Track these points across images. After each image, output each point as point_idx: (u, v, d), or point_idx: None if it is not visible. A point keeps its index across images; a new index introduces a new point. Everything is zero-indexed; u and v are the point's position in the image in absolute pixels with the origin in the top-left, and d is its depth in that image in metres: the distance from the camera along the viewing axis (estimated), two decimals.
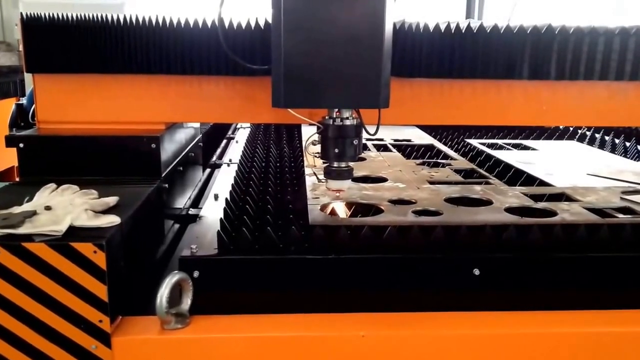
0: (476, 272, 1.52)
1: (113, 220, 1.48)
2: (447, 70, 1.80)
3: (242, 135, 3.52)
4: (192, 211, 2.31)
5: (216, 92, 1.94)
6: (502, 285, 1.55)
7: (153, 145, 1.89)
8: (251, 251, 1.53)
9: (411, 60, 1.80)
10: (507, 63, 1.79)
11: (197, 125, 2.72)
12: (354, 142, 1.58)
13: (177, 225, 2.19)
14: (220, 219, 1.70)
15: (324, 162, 1.68)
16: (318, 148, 1.66)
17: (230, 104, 1.95)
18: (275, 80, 1.49)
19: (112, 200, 1.62)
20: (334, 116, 1.58)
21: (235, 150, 3.07)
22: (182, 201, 2.35)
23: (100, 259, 1.34)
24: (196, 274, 1.49)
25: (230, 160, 2.80)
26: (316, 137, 1.65)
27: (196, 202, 2.50)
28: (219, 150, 3.47)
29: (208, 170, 3.00)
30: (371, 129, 1.65)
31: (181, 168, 2.29)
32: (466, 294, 1.55)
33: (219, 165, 2.95)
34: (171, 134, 2.11)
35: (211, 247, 1.57)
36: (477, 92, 1.89)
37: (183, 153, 2.34)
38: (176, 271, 1.46)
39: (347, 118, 1.58)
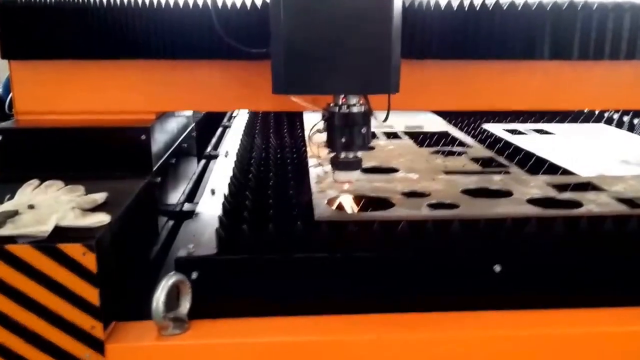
0: (497, 268, 1.53)
1: (102, 219, 1.49)
2: (461, 50, 1.80)
3: (239, 123, 3.51)
4: (186, 207, 2.32)
5: (210, 78, 1.94)
6: (525, 283, 1.56)
7: (143, 137, 1.90)
8: (253, 250, 1.54)
9: (422, 40, 1.79)
10: (526, 42, 1.79)
11: (190, 113, 2.73)
12: (363, 130, 1.59)
13: (171, 222, 2.20)
14: (219, 216, 1.71)
15: (329, 152, 1.69)
16: (323, 137, 1.66)
17: (226, 91, 1.96)
18: (276, 64, 1.48)
19: (100, 197, 1.63)
20: (340, 103, 1.58)
21: (232, 140, 3.07)
22: (175, 196, 2.37)
23: (90, 260, 1.35)
24: (194, 275, 1.50)
25: (227, 151, 2.79)
26: (321, 125, 1.65)
27: (191, 197, 2.51)
28: (214, 140, 3.48)
29: (203, 162, 3.00)
30: (380, 115, 1.65)
31: (174, 160, 2.30)
32: (486, 292, 1.56)
33: (214, 157, 2.96)
34: (162, 124, 2.12)
35: (210, 246, 1.58)
36: (494, 74, 1.89)
37: (175, 144, 2.35)
38: (173, 272, 1.47)
39: (355, 104, 1.58)
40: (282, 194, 1.92)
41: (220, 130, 3.74)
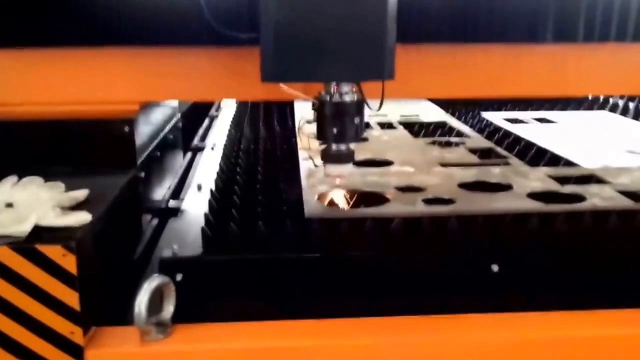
0: (495, 268, 1.53)
1: (83, 217, 1.47)
2: (460, 33, 1.75)
3: (227, 113, 3.48)
4: (172, 203, 2.29)
5: (197, 65, 1.88)
6: (524, 283, 1.56)
7: (126, 129, 1.87)
8: (241, 250, 1.53)
9: (418, 23, 1.74)
10: (528, 24, 1.76)
11: (176, 103, 2.69)
12: (355, 120, 1.56)
13: (156, 220, 2.18)
14: (205, 214, 1.69)
15: (320, 144, 1.66)
16: (313, 127, 1.64)
17: (213, 79, 1.90)
18: (265, 51, 1.47)
19: (81, 194, 1.61)
20: (332, 91, 1.56)
21: (219, 132, 3.05)
22: (161, 192, 2.34)
23: (70, 262, 1.34)
24: (179, 277, 1.49)
25: (214, 144, 2.77)
26: (311, 115, 1.63)
27: (177, 193, 2.47)
28: (201, 131, 3.45)
29: (189, 155, 2.97)
30: (374, 104, 1.62)
31: (159, 153, 2.27)
32: (484, 293, 1.55)
33: (201, 149, 2.93)
34: (146, 115, 2.09)
35: (195, 245, 1.57)
36: (494, 58, 1.85)
37: (160, 136, 2.32)
38: (156, 274, 1.45)
39: (347, 93, 1.56)
40: (271, 190, 1.91)
41: (207, 120, 3.70)
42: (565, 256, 1.56)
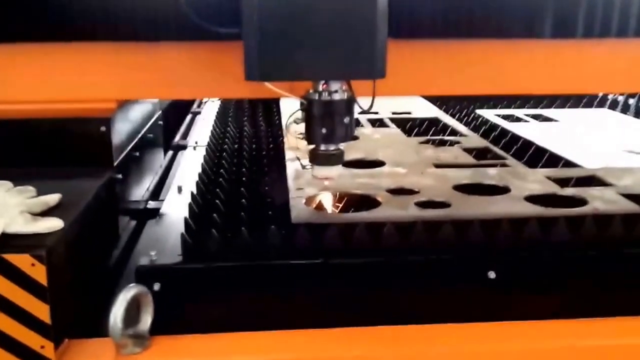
0: (491, 275, 1.51)
1: (55, 224, 1.44)
2: (454, 29, 1.71)
3: (210, 110, 3.45)
4: (151, 204, 2.26)
5: (177, 62, 1.82)
6: (522, 290, 1.54)
7: (103, 128, 1.84)
8: (222, 257, 1.50)
9: (410, 17, 1.69)
10: (525, 19, 1.72)
11: (156, 100, 2.66)
12: (345, 120, 1.54)
13: (134, 222, 2.15)
14: (185, 218, 1.66)
15: (308, 145, 1.63)
16: (301, 127, 1.61)
17: (194, 77, 1.84)
18: (248, 47, 1.43)
19: (53, 198, 1.58)
20: (320, 89, 1.54)
21: (202, 129, 3.02)
22: (139, 192, 2.31)
23: (39, 272, 1.31)
24: (157, 286, 1.47)
25: (196, 143, 2.74)
26: (299, 114, 1.60)
27: (156, 194, 2.45)
28: (182, 128, 3.41)
29: (170, 154, 2.94)
30: (365, 102, 1.59)
31: (137, 153, 2.25)
32: (480, 301, 1.54)
33: (183, 147, 2.90)
34: (124, 113, 2.06)
35: (174, 252, 1.54)
36: (490, 54, 1.80)
37: (140, 135, 2.29)
38: (133, 284, 1.42)
39: (336, 91, 1.53)
40: (256, 193, 1.88)
41: (189, 117, 3.67)
42: (565, 263, 1.54)
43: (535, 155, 2.29)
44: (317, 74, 1.47)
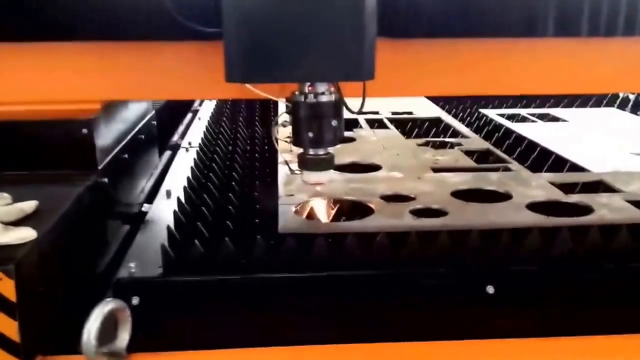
0: (490, 290, 1.46)
1: (26, 235, 1.38)
2: (452, 27, 1.65)
3: (207, 109, 3.39)
4: (146, 207, 2.18)
5: (162, 62, 1.77)
6: (523, 306, 1.49)
7: (85, 131, 1.79)
8: (205, 270, 1.46)
9: (406, 16, 1.63)
10: (528, 17, 1.66)
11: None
12: (332, 123, 1.49)
13: (127, 228, 2.08)
14: (168, 227, 1.62)
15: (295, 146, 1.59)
16: (289, 130, 1.56)
17: (180, 77, 1.80)
18: (229, 47, 1.39)
19: (29, 205, 1.52)
20: (306, 91, 1.49)
21: (197, 129, 2.96)
22: (132, 196, 2.25)
23: (7, 287, 1.25)
24: (135, 300, 1.42)
25: (189, 144, 2.68)
26: (286, 117, 1.56)
27: (152, 196, 2.38)
28: (181, 128, 3.34)
29: (169, 154, 2.87)
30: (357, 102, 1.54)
31: (126, 155, 2.19)
32: (478, 317, 1.48)
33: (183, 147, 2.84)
34: (111, 114, 2.00)
35: (156, 264, 1.49)
36: (491, 54, 1.75)
37: (129, 136, 2.24)
38: (110, 298, 1.37)
39: (323, 93, 1.49)
40: (245, 199, 1.84)
41: (190, 115, 3.60)
42: (569, 276, 1.49)
43: (539, 158, 2.23)
44: (302, 75, 1.42)
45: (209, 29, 1.59)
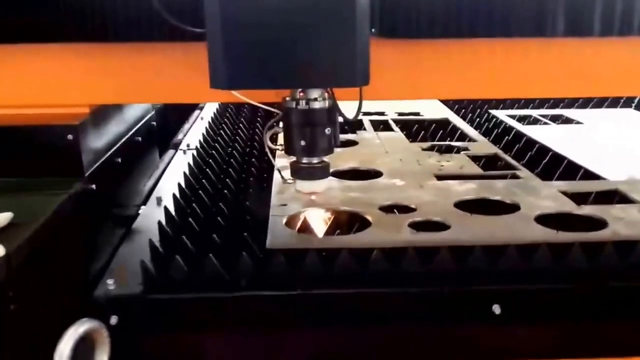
0: (496, 310, 1.39)
1: None
2: (456, 27, 1.59)
3: (210, 108, 3.31)
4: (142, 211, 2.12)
5: (152, 63, 1.72)
6: (531, 328, 1.42)
7: (70, 137, 1.71)
8: (188, 287, 1.40)
9: (408, 14, 1.58)
10: (537, 15, 1.60)
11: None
12: (326, 130, 1.44)
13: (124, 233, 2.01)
14: (150, 241, 1.55)
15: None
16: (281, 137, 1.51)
17: (170, 79, 1.75)
18: (213, 51, 1.33)
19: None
20: (298, 97, 1.43)
21: (198, 130, 2.88)
22: (130, 200, 2.18)
23: None
24: (114, 320, 1.36)
25: (188, 145, 2.60)
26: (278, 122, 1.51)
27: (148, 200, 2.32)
28: (187, 126, 3.23)
29: (172, 153, 2.75)
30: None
31: (119, 160, 2.11)
32: (483, 339, 1.42)
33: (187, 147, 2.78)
34: (102, 117, 1.93)
35: (136, 281, 1.43)
36: (497, 55, 1.70)
37: (124, 139, 2.16)
38: (85, 318, 1.30)
39: (316, 99, 1.42)
40: (236, 209, 1.76)
41: (197, 113, 3.51)
42: (580, 296, 1.42)
43: (551, 164, 2.14)
44: (292, 81, 1.35)
45: (199, 29, 1.53)
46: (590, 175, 1.98)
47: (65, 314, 1.53)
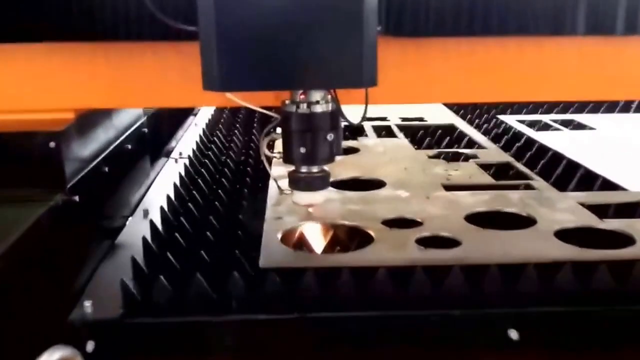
0: (513, 334, 1.33)
1: None
2: (467, 24, 1.54)
3: (205, 114, 3.28)
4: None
5: (143, 65, 1.66)
6: (551, 354, 1.36)
7: (52, 144, 1.66)
8: (173, 310, 1.33)
9: (416, 11, 1.52)
10: (554, 13, 1.54)
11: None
12: (328, 136, 1.38)
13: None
14: (132, 259, 1.47)
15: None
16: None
17: (163, 82, 1.68)
18: (206, 49, 1.27)
19: None
20: (298, 100, 1.38)
21: (191, 137, 2.84)
22: (117, 211, 2.12)
23: None
24: (90, 346, 1.30)
25: (180, 154, 2.55)
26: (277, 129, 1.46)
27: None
28: (181, 133, 3.19)
29: (164, 161, 2.71)
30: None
31: (107, 169, 2.04)
32: None
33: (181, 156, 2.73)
34: (88, 123, 1.88)
35: (116, 303, 1.35)
36: (510, 54, 1.64)
37: (112, 146, 2.11)
38: (59, 344, 1.23)
39: (318, 102, 1.37)
40: (228, 223, 1.69)
41: (191, 119, 3.48)
42: (605, 320, 1.35)
43: (566, 173, 2.08)
44: (292, 82, 1.29)
45: (192, 27, 1.46)
46: (609, 185, 1.92)
47: (37, 339, 1.46)
